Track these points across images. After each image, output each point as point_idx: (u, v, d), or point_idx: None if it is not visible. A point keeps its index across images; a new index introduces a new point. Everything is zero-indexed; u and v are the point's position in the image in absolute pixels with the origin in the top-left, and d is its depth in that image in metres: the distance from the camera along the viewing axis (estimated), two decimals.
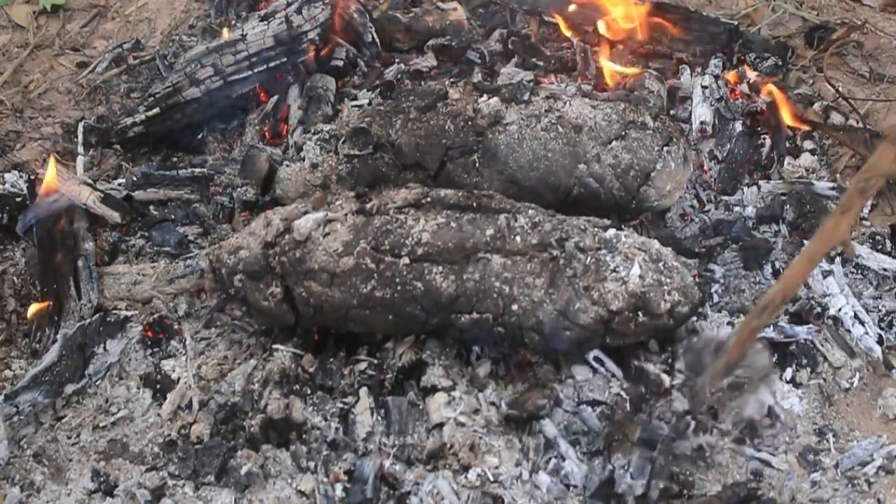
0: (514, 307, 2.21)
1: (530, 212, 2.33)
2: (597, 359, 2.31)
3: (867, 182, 1.86)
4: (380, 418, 2.27)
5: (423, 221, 2.30)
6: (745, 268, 2.63)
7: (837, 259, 2.63)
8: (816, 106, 3.11)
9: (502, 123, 2.61)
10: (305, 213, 2.40)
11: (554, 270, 2.21)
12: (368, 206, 2.38)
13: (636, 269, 2.19)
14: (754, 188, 2.89)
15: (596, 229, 2.31)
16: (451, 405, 2.26)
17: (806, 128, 3.06)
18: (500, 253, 2.24)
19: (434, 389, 2.30)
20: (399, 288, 2.25)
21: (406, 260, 2.25)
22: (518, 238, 2.25)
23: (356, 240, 2.30)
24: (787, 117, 3.04)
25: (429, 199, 2.37)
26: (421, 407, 2.28)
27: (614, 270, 2.20)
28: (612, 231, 2.30)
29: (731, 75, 3.19)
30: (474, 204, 2.34)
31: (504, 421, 2.26)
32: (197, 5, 3.82)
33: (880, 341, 2.45)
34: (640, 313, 2.19)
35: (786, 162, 2.96)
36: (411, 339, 2.39)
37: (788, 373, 2.41)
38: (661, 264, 2.24)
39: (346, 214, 2.37)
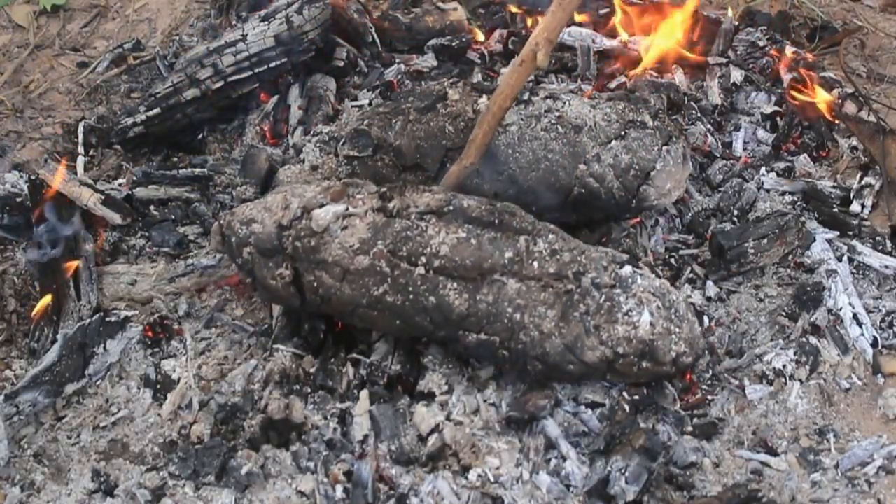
0: (523, 335, 2.18)
1: (550, 236, 2.28)
2: None
3: None
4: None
5: (444, 233, 2.25)
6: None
7: (844, 258, 2.64)
8: (835, 92, 3.14)
9: (502, 124, 2.61)
10: (324, 205, 2.33)
11: (567, 304, 2.18)
12: (390, 205, 2.32)
13: (647, 317, 2.16)
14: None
15: (614, 265, 2.26)
16: (431, 409, 2.25)
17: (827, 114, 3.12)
18: (517, 277, 2.20)
19: (423, 396, 2.29)
20: (411, 297, 2.22)
21: (422, 270, 2.22)
22: (536, 264, 2.22)
23: (374, 239, 2.25)
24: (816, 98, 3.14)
25: (451, 208, 2.30)
26: (406, 413, 2.26)
27: (626, 314, 2.17)
28: (628, 268, 2.25)
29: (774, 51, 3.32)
30: (496, 220, 2.28)
31: (505, 422, 2.26)
32: (197, 5, 3.81)
33: (874, 343, 2.46)
34: (645, 360, 2.17)
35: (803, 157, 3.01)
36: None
37: (789, 370, 2.41)
38: (672, 312, 2.21)
39: (366, 211, 2.31)
